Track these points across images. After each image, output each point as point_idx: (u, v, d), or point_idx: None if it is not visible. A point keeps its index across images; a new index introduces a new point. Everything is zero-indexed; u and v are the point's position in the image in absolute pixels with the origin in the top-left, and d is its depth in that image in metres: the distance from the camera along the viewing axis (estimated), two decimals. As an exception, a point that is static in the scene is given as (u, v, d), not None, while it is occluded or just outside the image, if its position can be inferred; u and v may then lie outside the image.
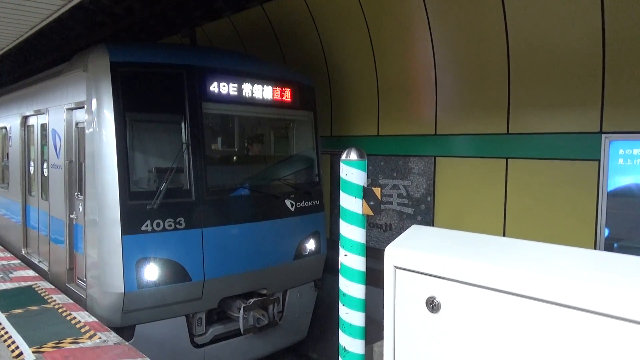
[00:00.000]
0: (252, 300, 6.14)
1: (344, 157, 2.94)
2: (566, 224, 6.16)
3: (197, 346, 5.94)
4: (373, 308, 3.10)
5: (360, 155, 2.91)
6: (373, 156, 8.38)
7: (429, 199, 7.82)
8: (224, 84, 6.10)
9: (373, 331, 3.08)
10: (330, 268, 7.64)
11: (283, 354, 7.66)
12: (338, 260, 3.11)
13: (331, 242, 8.33)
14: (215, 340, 6.13)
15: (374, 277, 3.11)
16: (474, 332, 2.10)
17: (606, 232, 5.87)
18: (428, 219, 7.82)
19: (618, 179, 5.74)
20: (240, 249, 6.05)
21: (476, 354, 2.11)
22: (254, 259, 6.20)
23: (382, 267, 2.40)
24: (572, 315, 1.86)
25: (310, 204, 6.96)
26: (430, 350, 2.25)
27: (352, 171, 2.89)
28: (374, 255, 3.21)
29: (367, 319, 3.06)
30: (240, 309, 6.03)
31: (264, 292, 6.44)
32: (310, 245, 6.94)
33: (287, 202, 6.65)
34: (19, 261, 7.76)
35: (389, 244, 2.46)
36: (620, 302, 1.76)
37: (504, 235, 6.77)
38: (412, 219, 8.07)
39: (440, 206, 7.71)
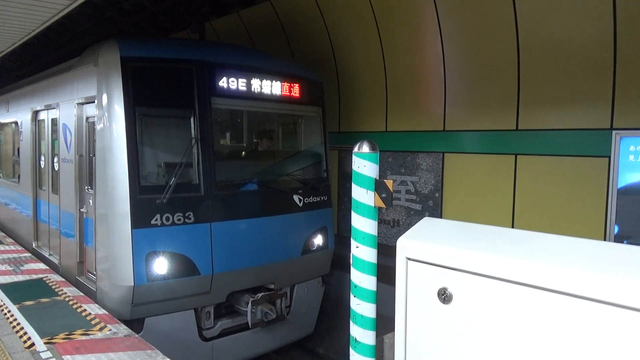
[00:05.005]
0: (260, 295, 6.17)
1: (356, 149, 2.95)
2: (575, 221, 6.13)
3: (206, 340, 5.98)
4: (380, 303, 3.11)
5: (373, 148, 2.92)
6: (381, 152, 8.32)
7: (437, 195, 7.81)
8: (233, 79, 6.12)
9: (380, 326, 3.10)
10: (338, 264, 7.65)
11: (290, 349, 7.69)
12: (345, 256, 3.12)
13: (339, 237, 8.34)
14: (223, 334, 6.17)
15: (381, 273, 3.12)
16: (486, 323, 2.11)
17: (616, 229, 5.83)
18: (436, 216, 7.80)
19: (628, 176, 5.70)
20: (248, 244, 6.08)
21: (488, 345, 2.11)
22: (262, 253, 6.22)
23: (390, 263, 2.40)
24: (585, 306, 1.86)
25: (318, 199, 6.97)
26: (442, 341, 2.25)
27: (364, 163, 2.90)
28: (381, 251, 3.21)
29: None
30: (248, 303, 6.06)
31: (272, 286, 6.47)
32: (318, 240, 6.95)
33: (295, 198, 6.67)
34: (30, 254, 7.84)
35: (396, 240, 2.46)
36: (633, 293, 1.76)
37: (513, 232, 6.73)
38: (420, 215, 8.06)
39: (449, 202, 7.69)
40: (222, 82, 6.03)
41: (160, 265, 5.38)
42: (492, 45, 6.77)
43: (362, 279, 2.92)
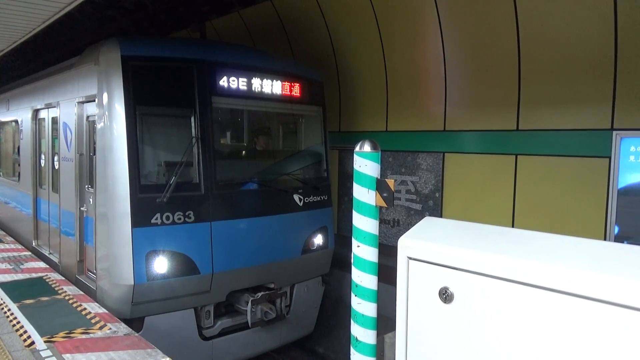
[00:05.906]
0: (260, 294, 6.17)
1: (357, 149, 2.95)
2: (576, 222, 6.13)
3: (205, 339, 5.98)
4: (379, 303, 3.11)
5: (374, 147, 2.92)
6: (381, 152, 8.34)
7: (437, 195, 7.81)
8: (233, 78, 6.12)
9: (379, 325, 3.10)
10: (338, 263, 7.66)
11: (290, 348, 7.69)
12: (345, 255, 3.12)
13: (339, 237, 8.34)
14: (223, 333, 6.17)
15: (380, 273, 3.12)
16: (487, 323, 2.11)
17: (616, 229, 5.83)
18: (436, 215, 7.80)
19: (629, 177, 5.69)
20: (248, 243, 6.08)
21: (489, 344, 2.11)
22: (262, 253, 6.22)
23: (389, 263, 2.40)
24: (586, 305, 1.86)
25: (318, 199, 6.97)
26: (443, 341, 2.25)
27: (365, 163, 2.90)
28: (381, 250, 3.22)
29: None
30: (248, 302, 6.06)
31: (272, 286, 6.47)
32: (318, 240, 6.95)
33: (296, 197, 6.67)
34: (30, 253, 7.84)
35: (396, 240, 2.46)
36: (632, 292, 1.76)
37: (513, 232, 6.72)
38: (420, 215, 8.05)
39: (449, 202, 7.69)
40: (223, 82, 6.03)
41: (161, 264, 5.38)
42: (493, 45, 6.76)
43: (363, 278, 2.92)
